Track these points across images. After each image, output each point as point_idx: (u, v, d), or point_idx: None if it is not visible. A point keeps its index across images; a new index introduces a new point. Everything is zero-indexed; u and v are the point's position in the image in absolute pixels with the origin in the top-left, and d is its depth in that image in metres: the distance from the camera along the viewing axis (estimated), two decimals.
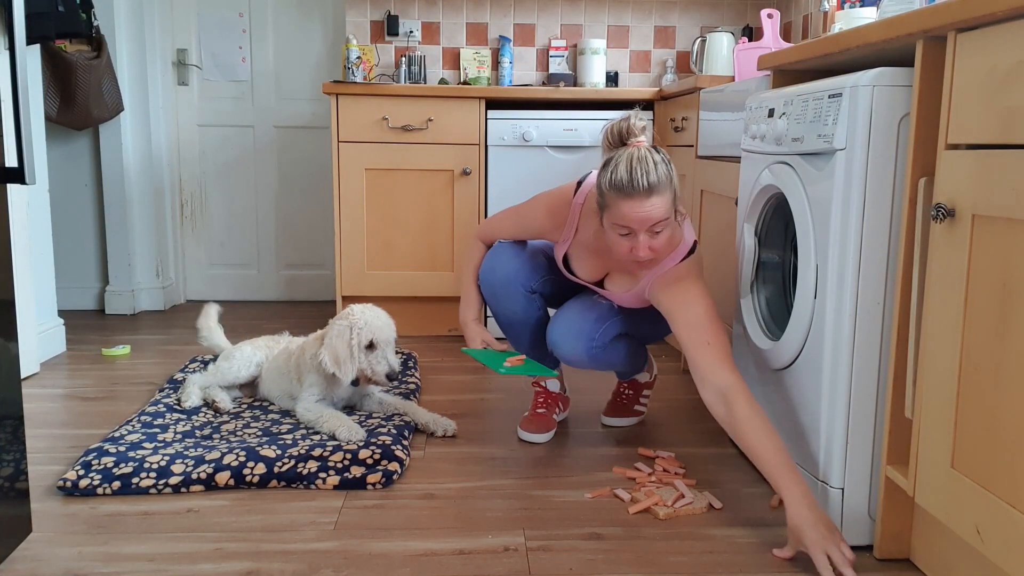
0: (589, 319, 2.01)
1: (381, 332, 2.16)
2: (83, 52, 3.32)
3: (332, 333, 2.15)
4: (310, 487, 1.85)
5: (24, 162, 1.40)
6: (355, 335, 2.13)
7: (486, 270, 2.08)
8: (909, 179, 1.43)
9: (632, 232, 1.73)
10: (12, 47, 1.39)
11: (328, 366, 2.12)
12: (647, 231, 1.72)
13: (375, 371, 2.15)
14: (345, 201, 3.16)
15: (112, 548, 1.56)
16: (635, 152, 1.72)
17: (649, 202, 1.69)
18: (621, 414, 2.28)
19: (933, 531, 1.48)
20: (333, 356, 2.12)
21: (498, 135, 3.16)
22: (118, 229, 3.65)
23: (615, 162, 1.73)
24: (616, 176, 1.70)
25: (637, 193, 1.68)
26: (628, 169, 1.70)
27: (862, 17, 2.32)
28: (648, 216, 1.70)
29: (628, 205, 1.70)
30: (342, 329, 2.14)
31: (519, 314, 2.09)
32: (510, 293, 2.06)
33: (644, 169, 1.69)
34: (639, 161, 1.70)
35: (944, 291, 1.31)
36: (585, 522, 1.70)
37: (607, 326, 2.02)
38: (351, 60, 3.38)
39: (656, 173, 1.69)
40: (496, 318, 2.16)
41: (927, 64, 1.39)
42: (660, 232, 1.74)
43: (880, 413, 1.55)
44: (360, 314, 2.17)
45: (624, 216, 1.71)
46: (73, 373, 2.74)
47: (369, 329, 2.14)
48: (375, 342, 2.15)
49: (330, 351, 2.12)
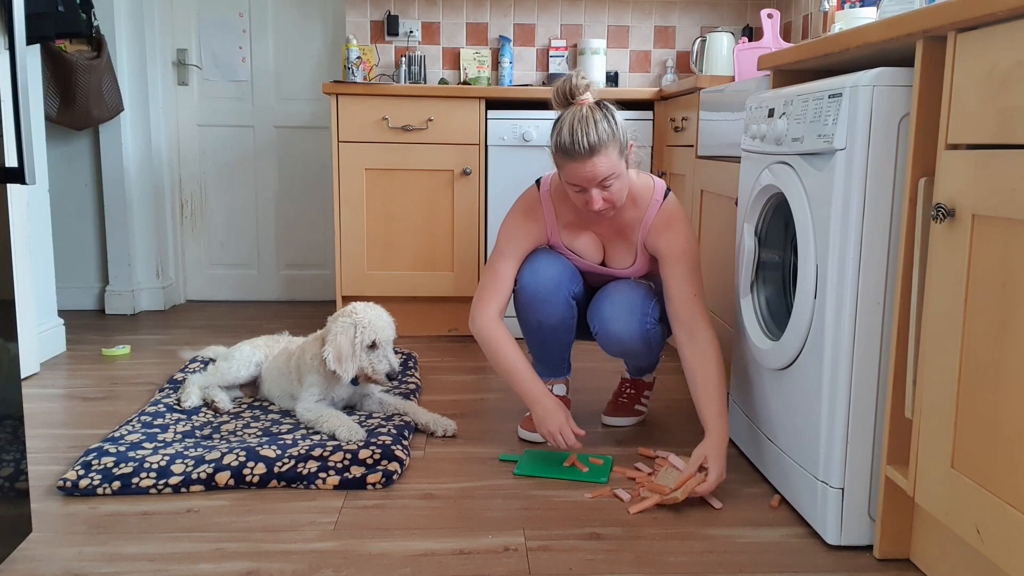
0: (638, 295, 2.05)
1: (383, 331, 2.17)
2: (83, 52, 3.32)
3: (336, 329, 2.15)
4: (310, 487, 1.85)
5: (24, 162, 1.40)
6: (359, 333, 2.14)
7: (528, 274, 2.05)
8: (909, 179, 1.43)
9: (584, 188, 1.87)
10: (12, 47, 1.39)
11: (331, 362, 2.12)
12: (597, 186, 1.85)
13: (376, 370, 2.15)
14: (345, 201, 3.16)
15: (112, 548, 1.56)
16: (577, 112, 1.84)
17: (591, 162, 1.82)
18: (622, 414, 2.28)
19: (933, 531, 1.48)
20: (337, 352, 2.12)
21: (498, 135, 3.16)
22: (118, 229, 3.65)
23: (559, 124, 1.86)
24: (560, 139, 1.84)
25: (579, 155, 1.82)
26: (570, 131, 1.82)
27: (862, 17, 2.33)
28: (593, 174, 1.83)
29: (573, 167, 1.84)
30: (347, 326, 2.15)
31: (554, 319, 2.08)
32: (555, 299, 2.05)
33: (584, 130, 1.81)
34: (580, 121, 1.82)
35: (944, 291, 1.31)
36: (585, 522, 1.70)
37: (655, 303, 2.06)
38: (351, 60, 3.38)
39: (597, 132, 1.81)
40: (526, 325, 2.14)
41: (927, 64, 1.39)
42: (610, 184, 1.86)
43: (880, 413, 1.55)
44: (363, 312, 2.18)
45: (573, 175, 1.85)
46: (73, 373, 2.74)
47: (372, 328, 2.15)
48: (377, 342, 2.15)
49: (334, 347, 2.12)
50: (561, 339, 2.15)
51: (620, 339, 2.05)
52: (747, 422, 2.01)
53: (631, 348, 2.07)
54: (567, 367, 2.25)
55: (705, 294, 1.99)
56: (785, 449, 1.77)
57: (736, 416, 2.10)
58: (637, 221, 2.02)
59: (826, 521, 1.60)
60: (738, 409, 2.08)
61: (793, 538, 1.64)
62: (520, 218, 2.08)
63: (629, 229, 2.04)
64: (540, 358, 2.22)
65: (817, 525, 1.63)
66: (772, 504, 1.78)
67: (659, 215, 1.99)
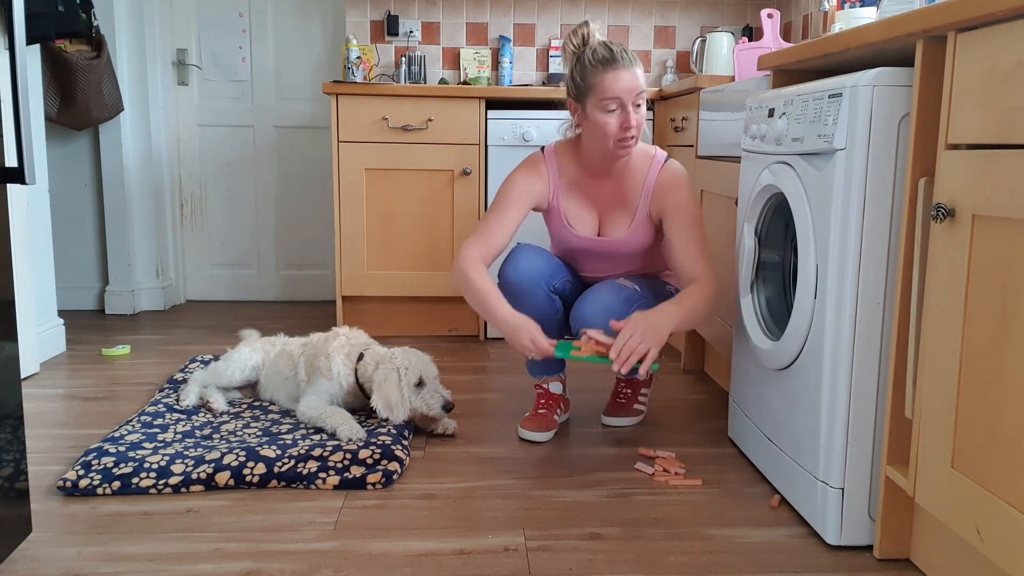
0: (619, 298, 2.03)
1: (427, 369, 2.15)
2: (83, 52, 3.32)
3: (379, 378, 2.11)
4: (310, 487, 1.85)
5: (24, 162, 1.40)
6: (403, 376, 2.11)
7: (509, 268, 2.08)
8: (909, 179, 1.43)
9: (621, 105, 1.90)
10: (12, 47, 1.39)
11: (381, 411, 2.08)
12: (633, 103, 1.90)
13: (430, 406, 2.12)
14: (345, 201, 3.16)
15: (112, 548, 1.56)
16: (600, 39, 1.95)
17: (633, 71, 1.90)
18: (621, 414, 2.28)
19: (933, 531, 1.48)
20: (386, 402, 2.08)
21: (498, 135, 3.16)
22: (118, 229, 3.65)
23: (587, 49, 1.93)
24: (598, 55, 1.91)
25: (623, 63, 1.89)
26: (606, 47, 1.91)
27: (862, 17, 2.33)
28: (636, 84, 1.90)
29: (615, 75, 1.89)
30: (389, 373, 2.10)
31: (536, 313, 2.07)
32: (534, 292, 2.07)
33: (620, 45, 1.92)
34: (610, 42, 1.94)
35: (944, 291, 1.31)
36: (585, 522, 1.70)
37: (636, 307, 2.03)
38: (351, 60, 3.38)
39: (628, 50, 1.93)
40: None
41: (927, 64, 1.39)
42: (640, 105, 1.93)
43: (880, 413, 1.55)
44: (402, 356, 2.14)
45: (613, 88, 1.89)
46: (73, 373, 2.74)
47: (415, 369, 2.12)
48: (423, 379, 2.13)
49: (382, 398, 2.08)
50: (547, 334, 2.13)
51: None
52: (747, 422, 2.01)
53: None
54: (560, 363, 2.24)
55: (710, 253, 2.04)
56: (785, 449, 1.77)
57: (736, 416, 2.10)
58: (639, 184, 2.04)
59: (826, 521, 1.60)
60: (738, 409, 2.08)
61: (793, 538, 1.64)
62: (523, 172, 2.08)
63: (630, 192, 2.05)
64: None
65: (817, 525, 1.63)
66: (772, 504, 1.78)
67: (662, 173, 2.03)
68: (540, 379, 2.24)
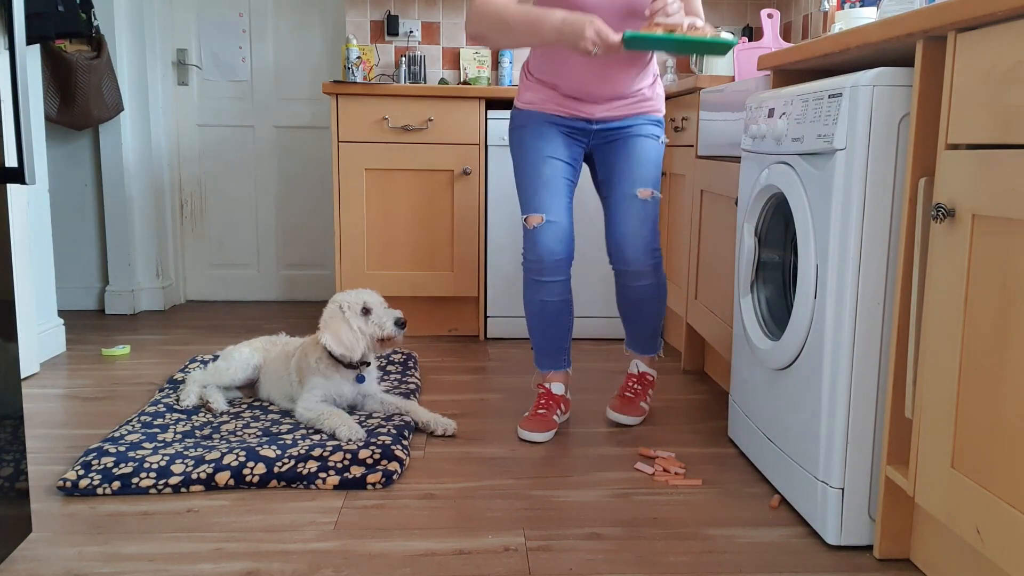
0: (647, 215, 2.12)
1: (371, 297, 2.19)
2: (83, 52, 3.32)
3: (325, 317, 2.17)
4: (310, 487, 1.85)
5: (24, 162, 1.40)
6: (346, 308, 2.14)
7: (544, 234, 2.10)
8: (909, 179, 1.43)
9: None
10: (12, 47, 1.39)
11: (334, 349, 2.11)
12: None
13: (382, 326, 2.14)
14: (345, 201, 3.16)
15: (112, 548, 1.56)
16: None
17: None
18: (627, 411, 2.27)
19: (933, 531, 1.48)
20: (336, 339, 2.12)
21: (498, 135, 3.15)
22: (118, 229, 3.65)
23: None
24: None
25: None
26: None
27: (862, 17, 2.33)
28: None
29: None
30: (333, 311, 2.17)
31: (555, 299, 2.16)
32: (559, 277, 2.14)
33: None
34: None
35: (944, 291, 1.31)
36: (585, 522, 1.70)
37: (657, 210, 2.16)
38: (351, 60, 3.38)
39: None
40: (530, 307, 2.20)
41: (927, 64, 1.39)
42: None
43: (880, 413, 1.55)
44: (340, 294, 2.22)
45: None
46: (73, 373, 2.74)
47: (356, 299, 2.17)
48: (368, 305, 2.16)
49: (331, 335, 2.12)
50: (562, 321, 2.19)
51: (632, 259, 2.12)
52: (747, 422, 2.01)
53: (641, 268, 2.14)
54: (567, 359, 2.26)
55: None
56: (785, 449, 1.77)
57: (736, 416, 2.10)
58: None
59: (826, 521, 1.60)
60: (738, 409, 2.08)
61: (793, 538, 1.64)
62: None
63: None
64: (542, 348, 2.23)
65: (817, 525, 1.63)
66: (772, 504, 1.78)
67: None
68: (546, 374, 2.25)
